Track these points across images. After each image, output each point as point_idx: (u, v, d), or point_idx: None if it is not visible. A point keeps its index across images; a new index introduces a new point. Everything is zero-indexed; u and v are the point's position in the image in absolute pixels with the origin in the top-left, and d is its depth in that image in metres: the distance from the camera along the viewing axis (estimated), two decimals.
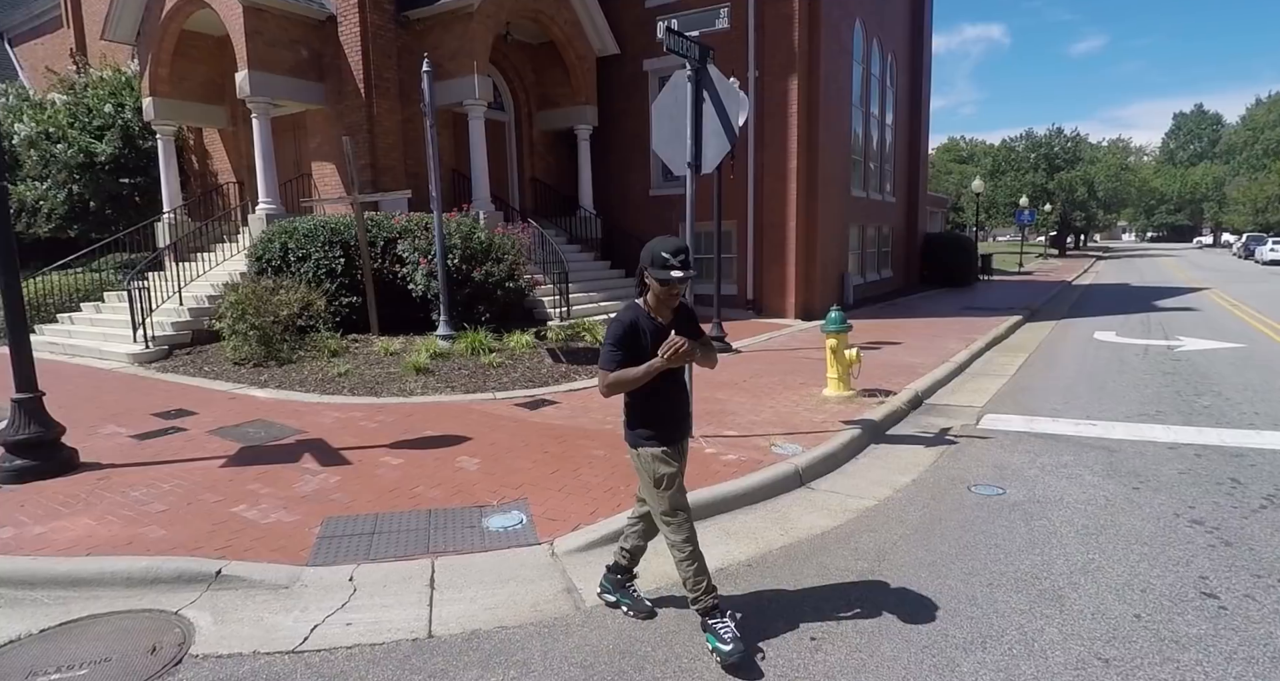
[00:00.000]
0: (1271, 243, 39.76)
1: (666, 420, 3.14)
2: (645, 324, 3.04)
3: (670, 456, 3.11)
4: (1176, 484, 4.85)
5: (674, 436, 3.16)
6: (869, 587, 3.51)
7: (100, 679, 3.00)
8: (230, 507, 4.63)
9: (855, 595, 3.44)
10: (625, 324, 3.00)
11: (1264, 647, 2.93)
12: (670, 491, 3.08)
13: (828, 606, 3.35)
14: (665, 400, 3.12)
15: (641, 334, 3.01)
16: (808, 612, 3.28)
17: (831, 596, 3.44)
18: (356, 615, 3.43)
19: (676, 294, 3.02)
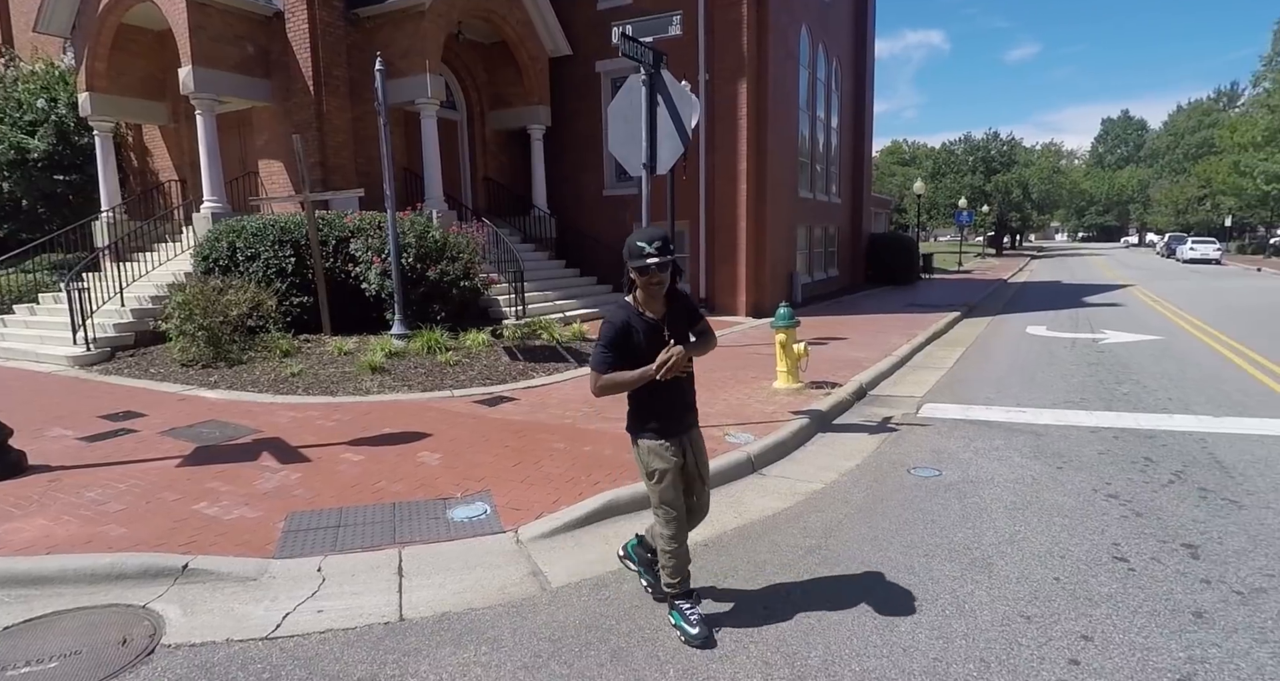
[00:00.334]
0: (1191, 242, 42.12)
1: (665, 414, 3.11)
2: (637, 322, 3.01)
3: (667, 450, 3.10)
4: (1096, 463, 5.26)
5: (672, 430, 3.13)
6: (818, 561, 3.76)
7: (72, 670, 3.03)
8: (190, 505, 4.64)
9: (804, 568, 3.68)
10: (616, 325, 2.99)
11: (1165, 602, 3.27)
12: (661, 486, 3.10)
13: (779, 579, 3.58)
14: (665, 393, 3.06)
15: (634, 333, 2.99)
16: (760, 586, 3.51)
17: (782, 570, 3.67)
18: (327, 603, 3.52)
19: (659, 283, 2.96)
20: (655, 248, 2.90)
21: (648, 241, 2.90)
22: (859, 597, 3.36)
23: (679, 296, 3.15)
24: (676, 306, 3.11)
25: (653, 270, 2.92)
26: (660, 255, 2.89)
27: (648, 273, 2.92)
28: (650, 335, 3.01)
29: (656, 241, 2.91)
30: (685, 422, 3.20)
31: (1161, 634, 3.01)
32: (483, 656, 3.00)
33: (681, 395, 3.16)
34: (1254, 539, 3.91)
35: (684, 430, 3.18)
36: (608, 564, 3.84)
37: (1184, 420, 6.35)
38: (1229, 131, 49.44)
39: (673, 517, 3.10)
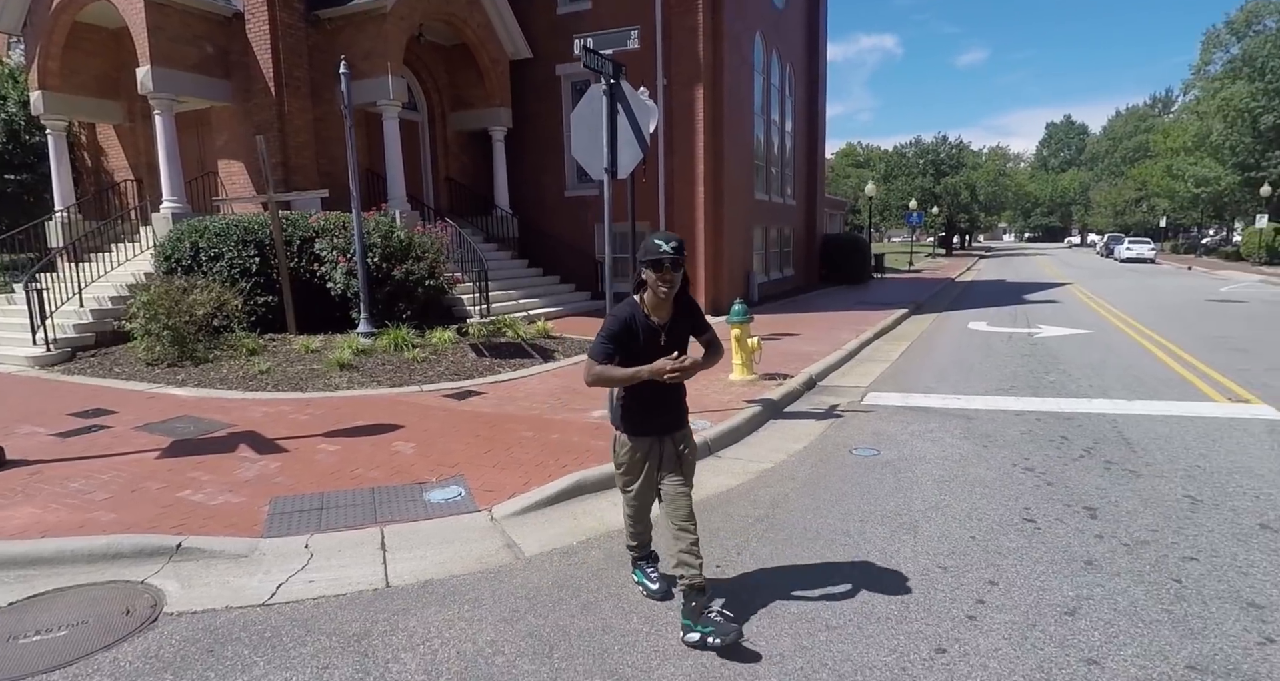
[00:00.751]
0: (1128, 242, 44.14)
1: (645, 413, 3.17)
2: (640, 322, 3.04)
3: (637, 446, 3.18)
4: (1018, 442, 5.81)
5: (649, 428, 3.18)
6: (765, 528, 4.18)
7: (81, 637, 3.28)
8: (175, 493, 4.86)
9: (753, 534, 4.10)
10: (621, 319, 3.03)
11: (1063, 554, 3.77)
12: (624, 477, 3.27)
13: (731, 543, 3.99)
14: (650, 394, 3.12)
15: (636, 332, 3.03)
16: (714, 548, 3.91)
17: (733, 536, 4.09)
18: (317, 574, 3.82)
19: (670, 282, 2.96)
20: (672, 246, 2.92)
21: (665, 240, 2.94)
22: (799, 556, 3.79)
23: (688, 305, 3.17)
24: (681, 314, 3.14)
25: (666, 266, 2.93)
26: (676, 253, 2.92)
27: (661, 268, 2.93)
28: (649, 338, 3.05)
29: (674, 242, 2.95)
30: (666, 424, 3.21)
31: (1056, 578, 3.50)
32: (465, 613, 3.34)
33: (666, 398, 3.18)
34: (1145, 501, 4.46)
35: (662, 431, 3.20)
36: (577, 535, 4.20)
37: (1100, 403, 6.98)
38: (1162, 136, 51.97)
39: (634, 507, 3.32)
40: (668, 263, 2.93)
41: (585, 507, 4.69)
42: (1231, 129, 37.94)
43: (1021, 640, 2.96)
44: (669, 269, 2.95)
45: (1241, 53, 38.87)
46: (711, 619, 2.97)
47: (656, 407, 3.18)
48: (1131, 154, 65.41)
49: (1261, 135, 36.73)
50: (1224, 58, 41.51)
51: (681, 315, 3.14)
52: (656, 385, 3.02)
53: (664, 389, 3.10)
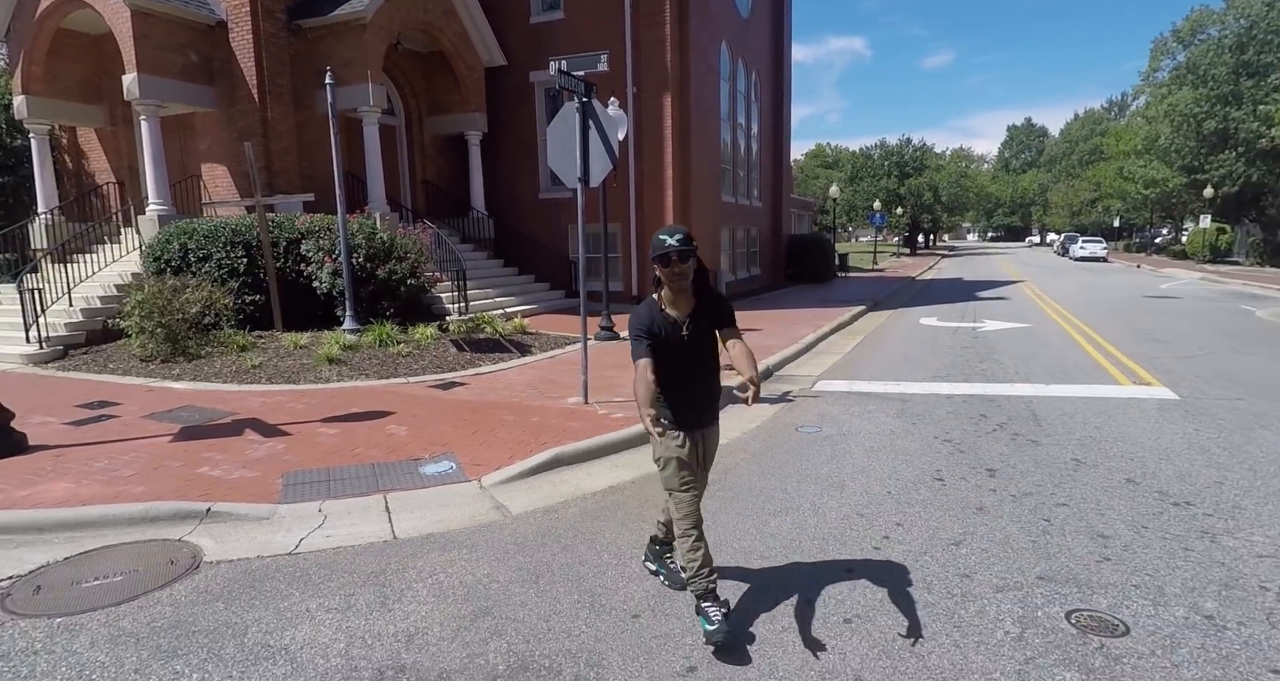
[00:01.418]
0: (1082, 242, 45.87)
1: (681, 406, 3.15)
2: (659, 319, 3.05)
3: (674, 440, 3.14)
4: (943, 419, 6.61)
5: (681, 421, 3.15)
6: (717, 488, 4.89)
7: (135, 581, 3.88)
8: (194, 470, 5.43)
9: (707, 495, 4.80)
10: (642, 316, 3.06)
11: (960, 503, 4.54)
12: (666, 473, 3.19)
13: (633, 546, 4.70)
14: (679, 384, 3.10)
15: (657, 329, 3.04)
16: (605, 561, 4.60)
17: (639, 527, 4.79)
18: (332, 531, 4.44)
19: (681, 274, 2.96)
20: (676, 239, 2.92)
21: (670, 234, 2.95)
22: (744, 508, 4.51)
23: (711, 299, 3.14)
24: (703, 309, 3.10)
25: (673, 259, 2.92)
26: (681, 245, 2.92)
27: (669, 262, 2.93)
28: (670, 333, 3.04)
29: (678, 234, 2.95)
30: (701, 417, 3.22)
31: (950, 520, 4.26)
32: (464, 556, 4.00)
33: (701, 392, 3.20)
34: (1038, 464, 5.26)
35: (698, 425, 3.21)
36: (556, 497, 4.88)
37: (1021, 387, 7.83)
38: (1114, 140, 53.99)
39: (681, 501, 3.18)
40: (674, 255, 2.92)
41: (563, 477, 5.36)
42: (1177, 133, 39.70)
43: (914, 563, 3.71)
44: (677, 261, 2.93)
45: (1186, 61, 40.68)
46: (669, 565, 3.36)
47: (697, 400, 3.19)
48: (1087, 156, 67.71)
49: (1205, 139, 38.52)
50: (1171, 65, 43.39)
51: (703, 310, 3.10)
52: (687, 377, 3.09)
53: (697, 381, 3.14)
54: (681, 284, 2.99)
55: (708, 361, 3.19)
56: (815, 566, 3.71)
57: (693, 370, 3.13)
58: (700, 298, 3.09)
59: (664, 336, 3.04)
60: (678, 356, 3.05)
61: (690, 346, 3.06)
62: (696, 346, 3.09)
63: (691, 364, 3.11)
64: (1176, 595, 3.32)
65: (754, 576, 3.63)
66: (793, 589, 3.47)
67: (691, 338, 3.06)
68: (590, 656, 2.95)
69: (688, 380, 3.12)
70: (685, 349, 3.05)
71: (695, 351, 3.10)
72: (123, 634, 3.26)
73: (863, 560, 3.75)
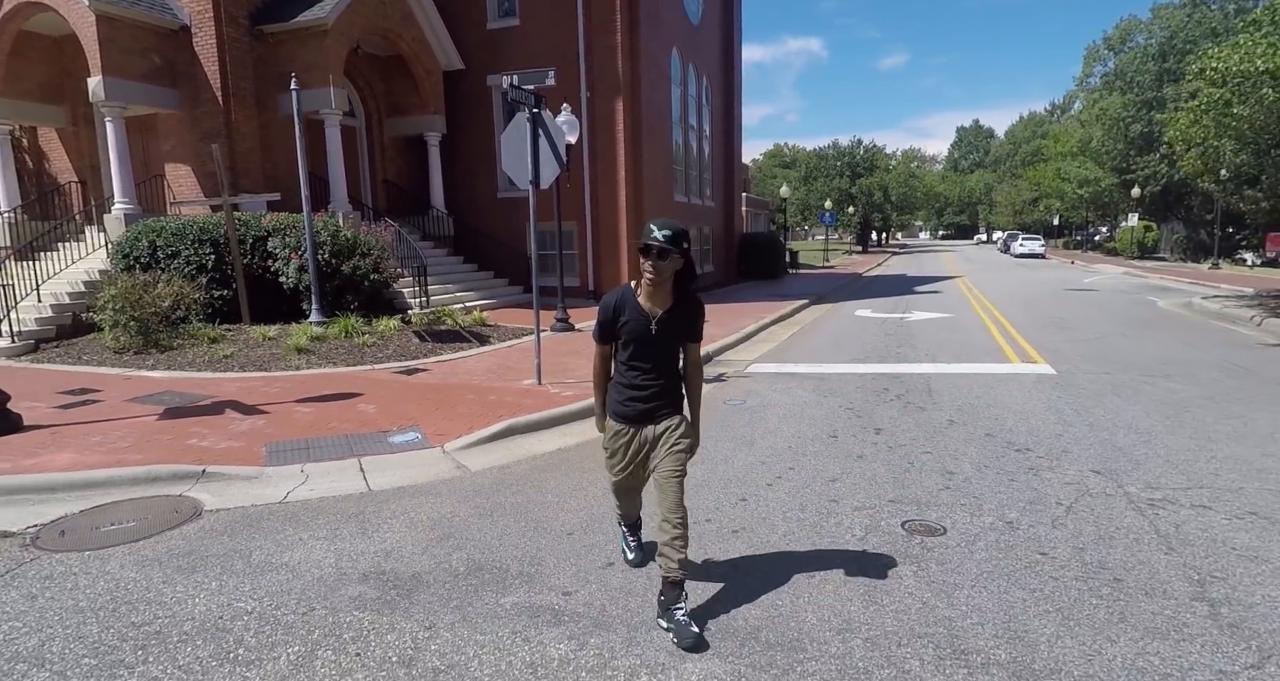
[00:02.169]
0: (1021, 239, 48.09)
1: (627, 397, 3.12)
2: (629, 305, 3.01)
3: (619, 435, 3.17)
4: (851, 393, 7.57)
5: (629, 415, 3.12)
6: None
7: (146, 526, 4.56)
8: (185, 442, 6.08)
9: None
10: (608, 301, 3.07)
11: (846, 452, 5.47)
12: (610, 465, 3.31)
13: (576, 494, 5.52)
14: (634, 376, 3.08)
15: (622, 310, 3.03)
16: (548, 500, 5.42)
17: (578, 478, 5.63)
18: (315, 485, 5.17)
19: (655, 270, 2.89)
20: (664, 235, 2.84)
21: (660, 227, 2.87)
22: None
23: (691, 306, 3.07)
24: (680, 312, 3.03)
25: (653, 253, 2.86)
26: (665, 243, 2.83)
27: (648, 253, 2.87)
28: (637, 322, 2.99)
29: (667, 230, 2.85)
30: (651, 414, 3.12)
31: (833, 464, 5.18)
32: (430, 500, 4.78)
33: (655, 389, 3.08)
34: (918, 424, 6.24)
35: (648, 420, 3.12)
36: (509, 458, 5.68)
37: (925, 366, 8.86)
38: (1053, 142, 56.46)
39: (615, 488, 3.43)
40: (655, 250, 2.85)
41: (516, 443, 6.16)
42: (1108, 136, 41.96)
43: (796, 493, 4.61)
44: (655, 257, 2.86)
45: (1116, 67, 43.00)
46: (675, 618, 2.96)
47: (642, 393, 3.09)
48: (1029, 157, 70.50)
49: (1132, 142, 40.81)
50: (1102, 71, 45.77)
51: (680, 313, 3.03)
52: (641, 375, 3.06)
53: (652, 379, 3.07)
54: (655, 279, 2.92)
55: (668, 360, 3.12)
56: (717, 497, 4.58)
57: (651, 367, 3.05)
58: (679, 298, 3.03)
59: (628, 321, 3.00)
60: (640, 349, 3.01)
61: (655, 342, 3.00)
62: (661, 345, 3.04)
63: (651, 359, 3.04)
64: (990, 509, 4.28)
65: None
66: (696, 513, 4.32)
67: (659, 335, 3.00)
68: (531, 560, 3.77)
69: (644, 375, 3.06)
70: (649, 344, 2.99)
71: (658, 349, 3.05)
72: (146, 559, 3.97)
73: (756, 493, 4.63)
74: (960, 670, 2.72)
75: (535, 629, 3.08)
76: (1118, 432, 5.84)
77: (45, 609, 3.41)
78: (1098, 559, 3.60)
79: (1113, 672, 2.69)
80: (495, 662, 2.84)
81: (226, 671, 2.84)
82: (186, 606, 3.40)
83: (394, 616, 3.22)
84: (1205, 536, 3.84)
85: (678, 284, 2.99)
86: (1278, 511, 4.17)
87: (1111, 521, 4.05)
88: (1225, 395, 7.14)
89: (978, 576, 3.45)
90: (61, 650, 3.04)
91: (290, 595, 3.46)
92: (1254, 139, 12.33)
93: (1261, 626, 2.99)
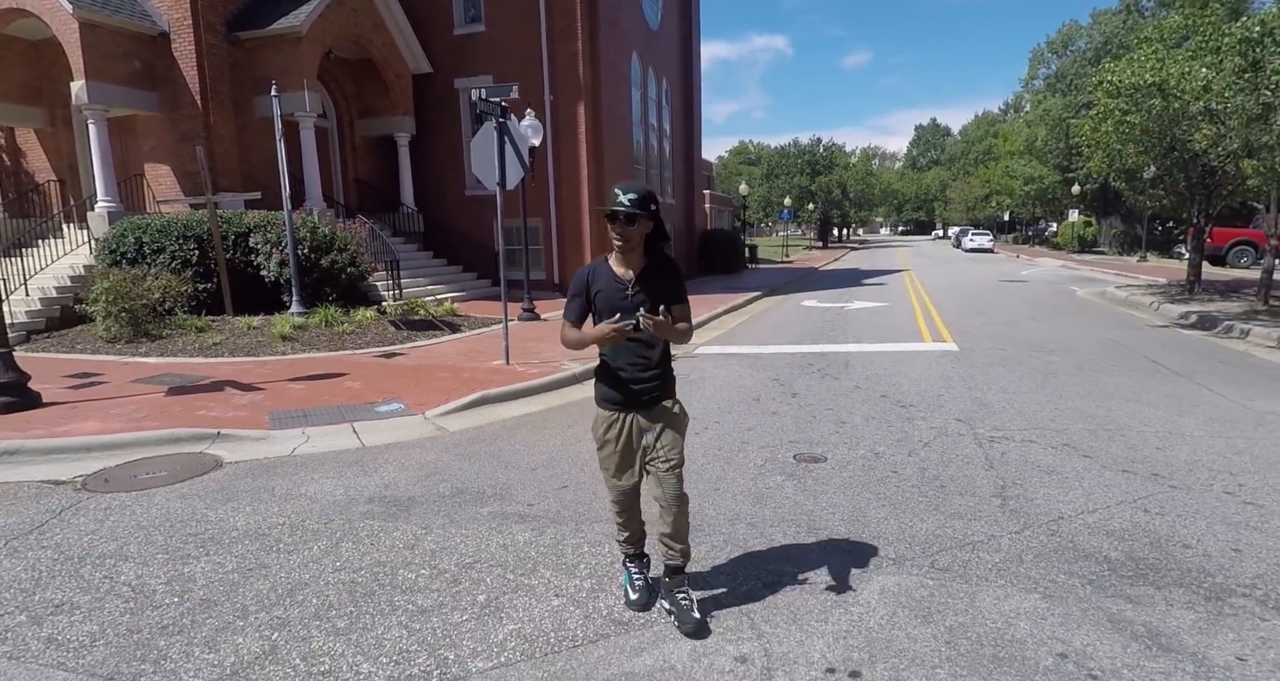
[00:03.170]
0: (972, 234, 50.12)
1: (611, 378, 3.00)
2: (602, 274, 2.89)
3: (610, 423, 3.01)
4: (780, 368, 8.69)
5: (619, 402, 2.98)
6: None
7: (174, 475, 5.44)
8: (195, 412, 6.95)
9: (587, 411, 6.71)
10: (579, 275, 2.94)
11: (762, 410, 6.57)
12: (600, 455, 3.11)
13: (575, 417, 6.55)
14: (614, 356, 2.95)
15: (592, 282, 2.90)
16: (573, 424, 6.46)
17: (583, 418, 6.65)
18: (316, 444, 6.10)
19: (623, 238, 2.78)
20: (629, 198, 2.71)
21: (624, 191, 2.74)
22: None
23: (665, 266, 2.92)
24: (654, 274, 2.88)
25: (620, 219, 2.74)
26: (632, 207, 2.71)
27: (614, 220, 2.76)
28: (612, 290, 2.85)
29: (632, 193, 2.73)
30: (639, 396, 2.97)
31: (751, 418, 6.27)
32: (417, 451, 5.75)
33: (641, 366, 2.93)
34: (830, 390, 7.37)
35: (634, 404, 2.97)
36: (482, 421, 6.66)
37: (848, 346, 10.04)
38: (1002, 141, 58.71)
39: (612, 489, 3.13)
40: (621, 216, 2.74)
41: (488, 410, 7.14)
42: (1051, 135, 44.00)
43: (716, 438, 5.69)
44: (622, 221, 2.75)
45: (1057, 70, 45.10)
46: (678, 601, 2.98)
47: (630, 375, 2.94)
48: (981, 156, 72.96)
49: (1072, 142, 42.91)
50: (1046, 73, 47.89)
51: (654, 274, 2.88)
52: (628, 357, 2.90)
53: (638, 360, 2.92)
54: (625, 246, 2.81)
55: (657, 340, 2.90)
56: None
57: (634, 343, 2.86)
58: (651, 258, 2.89)
59: (602, 292, 2.87)
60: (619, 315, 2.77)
61: (633, 309, 2.75)
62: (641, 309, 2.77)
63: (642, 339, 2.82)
64: (865, 445, 5.41)
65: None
66: None
67: (637, 301, 2.81)
68: (502, 486, 4.78)
69: (631, 348, 2.88)
70: (627, 312, 2.75)
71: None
72: (186, 495, 4.89)
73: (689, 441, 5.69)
74: (810, 537, 3.82)
75: (506, 526, 4.10)
76: (989, 393, 7.04)
77: (115, 526, 4.32)
78: (934, 474, 4.73)
79: (917, 538, 3.80)
80: (477, 545, 3.86)
81: (274, 557, 3.81)
82: (230, 521, 4.34)
83: (397, 522, 4.21)
84: (1021, 460, 5.00)
85: (650, 248, 2.88)
86: (1085, 444, 5.36)
87: (955, 452, 5.21)
88: (1093, 365, 8.42)
89: (840, 486, 4.55)
90: (138, 550, 3.97)
91: (312, 513, 4.43)
92: (1153, 144, 13.76)
93: (1033, 510, 4.13)
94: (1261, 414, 6.17)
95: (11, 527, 4.35)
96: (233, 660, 2.86)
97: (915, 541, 3.75)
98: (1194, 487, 4.43)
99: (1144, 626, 2.92)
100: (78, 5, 12.51)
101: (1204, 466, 4.82)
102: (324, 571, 3.59)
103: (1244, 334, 10.49)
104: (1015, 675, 2.62)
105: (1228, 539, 3.70)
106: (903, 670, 2.66)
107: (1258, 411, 6.26)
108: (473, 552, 3.77)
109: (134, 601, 3.37)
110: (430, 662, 2.79)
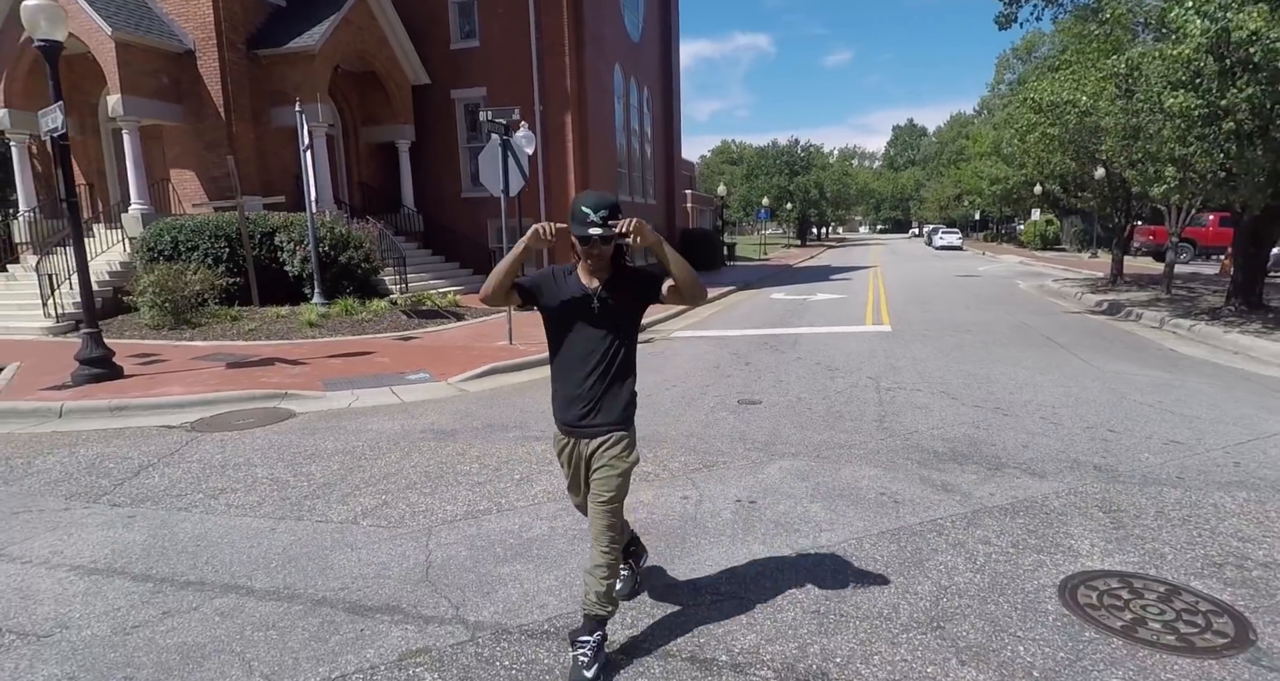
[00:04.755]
0: (942, 233, 52.25)
1: (560, 396, 2.82)
2: (566, 280, 2.72)
3: (561, 446, 2.84)
4: (740, 345, 10.36)
5: (561, 419, 2.81)
6: None
7: (262, 420, 7.00)
8: (258, 380, 8.49)
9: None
10: (542, 272, 2.80)
11: (719, 373, 8.23)
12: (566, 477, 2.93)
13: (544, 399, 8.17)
14: (570, 369, 2.75)
15: (551, 282, 2.74)
16: (527, 401, 8.07)
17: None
18: (365, 401, 7.67)
19: (597, 256, 2.60)
20: (600, 216, 2.51)
21: (593, 207, 2.53)
22: None
23: (632, 274, 2.74)
24: (623, 284, 2.70)
25: (594, 241, 2.55)
26: (604, 227, 2.50)
27: (588, 242, 2.57)
28: (578, 301, 2.68)
29: (603, 209, 2.52)
30: (583, 420, 2.75)
31: (709, 379, 7.93)
32: (448, 405, 7.35)
33: (592, 389, 2.71)
34: (776, 360, 9.05)
35: (578, 428, 2.76)
36: (496, 386, 8.27)
37: (800, 329, 11.75)
38: (972, 142, 60.93)
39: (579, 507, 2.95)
40: (597, 239, 2.55)
41: (499, 378, 8.75)
42: (1014, 138, 46.14)
43: (680, 393, 7.34)
44: (598, 243, 2.57)
45: (1020, 76, 47.24)
46: (573, 652, 2.71)
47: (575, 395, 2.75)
48: (954, 156, 75.33)
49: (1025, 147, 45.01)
50: (1010, 78, 50.05)
51: (623, 284, 2.70)
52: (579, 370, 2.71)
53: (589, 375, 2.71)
54: (598, 264, 2.66)
55: (614, 353, 2.74)
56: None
57: (591, 357, 2.69)
58: (618, 269, 2.71)
59: (566, 303, 2.69)
60: (580, 333, 2.67)
61: (598, 324, 2.66)
62: (605, 328, 2.68)
63: (592, 347, 2.68)
64: (793, 394, 7.10)
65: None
66: None
67: (603, 313, 2.67)
68: (519, 422, 6.41)
69: (581, 368, 2.71)
70: (591, 325, 2.66)
71: (602, 334, 2.69)
72: (279, 431, 6.47)
73: (655, 393, 7.35)
74: (739, 445, 5.49)
75: (526, 442, 5.74)
76: (901, 360, 8.77)
77: (236, 449, 5.91)
78: (838, 411, 6.44)
79: (812, 444, 5.49)
80: (509, 451, 5.50)
81: (366, 461, 5.41)
82: (322, 445, 5.94)
83: (447, 442, 5.83)
84: (905, 402, 6.72)
85: (616, 255, 2.69)
86: (958, 391, 7.08)
87: (859, 398, 6.91)
88: (998, 341, 10.18)
89: (767, 418, 6.25)
90: (263, 459, 5.56)
91: (381, 439, 6.04)
92: (1076, 154, 15.61)
93: (898, 428, 5.85)
94: (1106, 373, 7.93)
95: (155, 451, 5.92)
96: (360, 508, 4.48)
97: (809, 445, 5.44)
98: (1020, 416, 6.15)
99: (940, 482, 4.62)
100: (115, 26, 13.93)
101: (1036, 404, 6.55)
102: (405, 467, 5.21)
103: (1137, 317, 12.33)
104: (851, 501, 4.31)
105: (1022, 441, 5.42)
106: (782, 500, 4.33)
107: (1105, 371, 8.02)
108: (506, 455, 5.41)
109: (275, 485, 4.97)
110: (490, 505, 4.43)
